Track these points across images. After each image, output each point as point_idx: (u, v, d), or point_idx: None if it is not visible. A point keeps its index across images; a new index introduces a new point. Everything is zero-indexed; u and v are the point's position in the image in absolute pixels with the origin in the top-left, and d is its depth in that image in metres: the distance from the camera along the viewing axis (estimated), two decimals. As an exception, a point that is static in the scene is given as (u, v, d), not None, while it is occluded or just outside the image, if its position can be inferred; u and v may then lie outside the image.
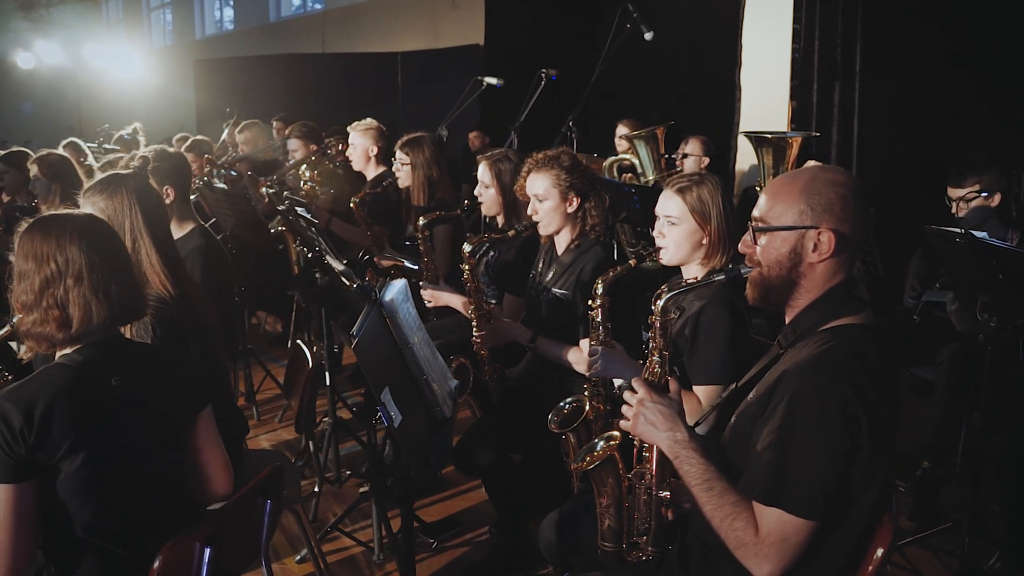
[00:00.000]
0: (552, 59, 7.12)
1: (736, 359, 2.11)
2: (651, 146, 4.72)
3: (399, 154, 3.99)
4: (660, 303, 1.75)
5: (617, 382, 2.26)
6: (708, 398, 2.16)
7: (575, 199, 2.66)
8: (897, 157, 5.27)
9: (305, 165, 4.63)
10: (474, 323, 2.73)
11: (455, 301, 2.97)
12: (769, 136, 3.95)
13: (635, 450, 1.78)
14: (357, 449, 3.57)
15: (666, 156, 4.84)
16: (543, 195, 2.65)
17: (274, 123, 7.87)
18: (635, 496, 1.79)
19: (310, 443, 3.19)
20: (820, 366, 1.50)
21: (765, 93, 6.15)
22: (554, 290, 2.72)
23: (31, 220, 1.69)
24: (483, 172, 3.21)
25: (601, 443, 1.87)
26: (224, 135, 7.65)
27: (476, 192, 3.27)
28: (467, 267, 2.68)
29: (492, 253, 3.31)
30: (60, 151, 5.12)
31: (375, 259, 3.79)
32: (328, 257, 2.63)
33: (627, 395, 1.71)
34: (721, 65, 6.23)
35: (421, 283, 3.21)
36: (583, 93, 4.38)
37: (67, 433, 1.54)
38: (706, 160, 4.79)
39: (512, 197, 3.21)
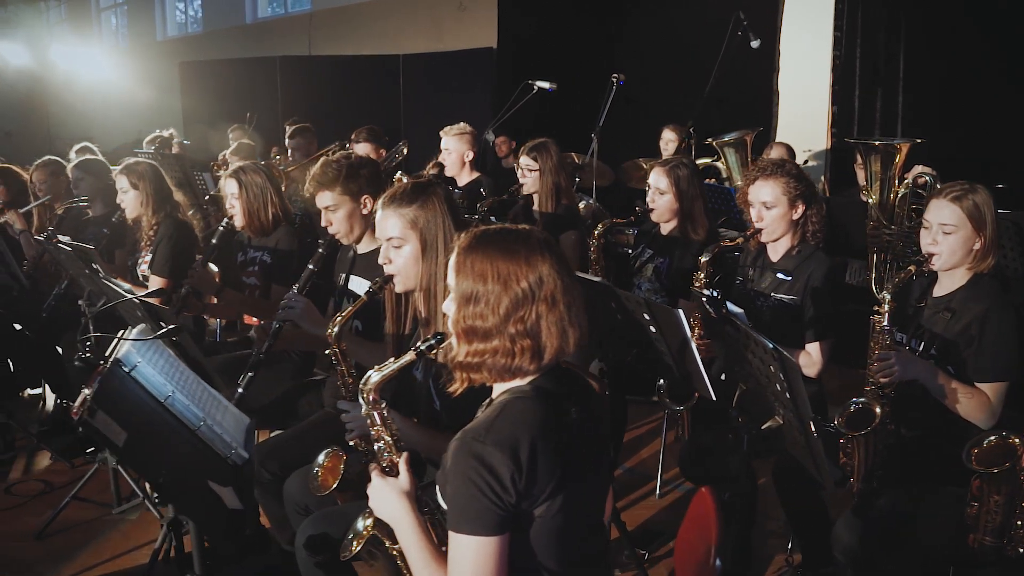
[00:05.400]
0: (568, 63, 7.18)
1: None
2: (740, 153, 4.80)
3: (525, 159, 3.94)
4: None
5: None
6: (996, 394, 2.22)
7: (801, 206, 2.70)
8: (942, 162, 5.50)
9: (400, 171, 4.50)
10: (698, 330, 2.72)
11: None
12: (877, 143, 4.07)
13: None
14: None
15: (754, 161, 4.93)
16: (772, 202, 2.68)
17: (287, 127, 7.62)
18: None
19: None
20: None
21: (803, 99, 6.34)
22: (776, 296, 2.74)
23: (470, 235, 1.49)
24: (658, 179, 3.21)
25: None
26: (237, 141, 7.35)
27: (649, 199, 3.27)
28: (702, 275, 2.67)
29: (662, 259, 3.30)
30: (97, 156, 4.84)
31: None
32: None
33: None
34: (759, 71, 6.39)
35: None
36: (700, 99, 4.41)
37: (550, 476, 1.38)
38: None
39: (689, 203, 3.23)
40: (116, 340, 1.70)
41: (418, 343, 1.56)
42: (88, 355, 2.21)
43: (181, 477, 1.59)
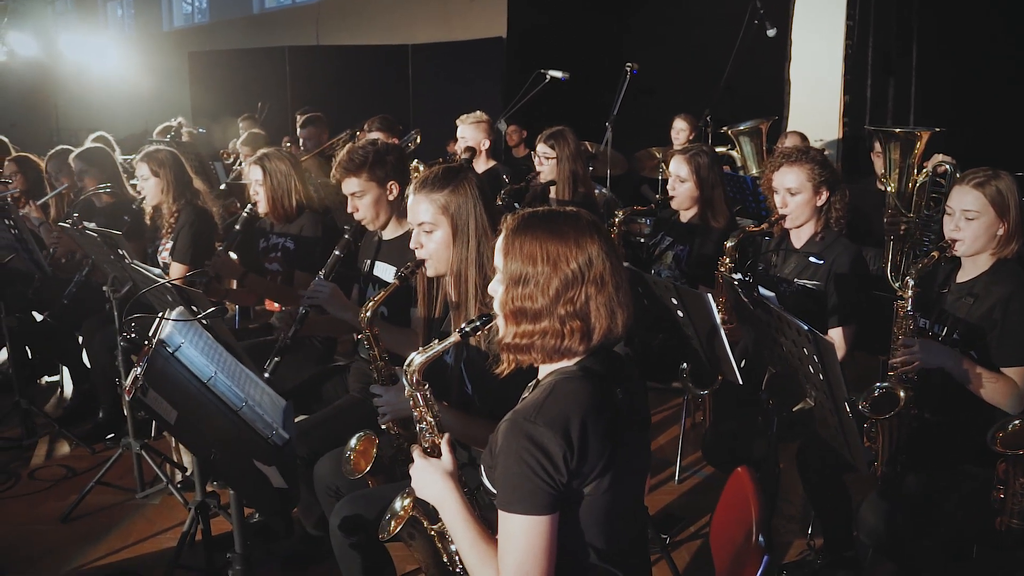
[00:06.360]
0: (578, 52, 7.18)
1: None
2: (755, 142, 4.81)
3: (542, 147, 3.95)
4: None
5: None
6: (1021, 378, 2.23)
7: (825, 192, 2.71)
8: (955, 153, 5.49)
9: (416, 160, 4.50)
10: (724, 317, 2.74)
11: None
12: (897, 131, 4.07)
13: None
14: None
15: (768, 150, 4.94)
16: (796, 189, 2.69)
17: (298, 116, 7.63)
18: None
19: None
20: None
21: (815, 89, 6.33)
22: (800, 281, 2.75)
23: (518, 216, 1.48)
24: (679, 166, 3.22)
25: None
26: (247, 131, 7.35)
27: (669, 186, 3.28)
28: (728, 260, 2.69)
29: (682, 247, 3.32)
30: (112, 146, 4.84)
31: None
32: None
33: None
34: (771, 60, 6.38)
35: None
36: (713, 88, 4.41)
37: (600, 455, 1.38)
38: (803, 154, 4.89)
39: (709, 191, 3.24)
40: (158, 320, 1.72)
41: (463, 325, 1.57)
42: (133, 336, 2.22)
43: (229, 456, 1.61)
